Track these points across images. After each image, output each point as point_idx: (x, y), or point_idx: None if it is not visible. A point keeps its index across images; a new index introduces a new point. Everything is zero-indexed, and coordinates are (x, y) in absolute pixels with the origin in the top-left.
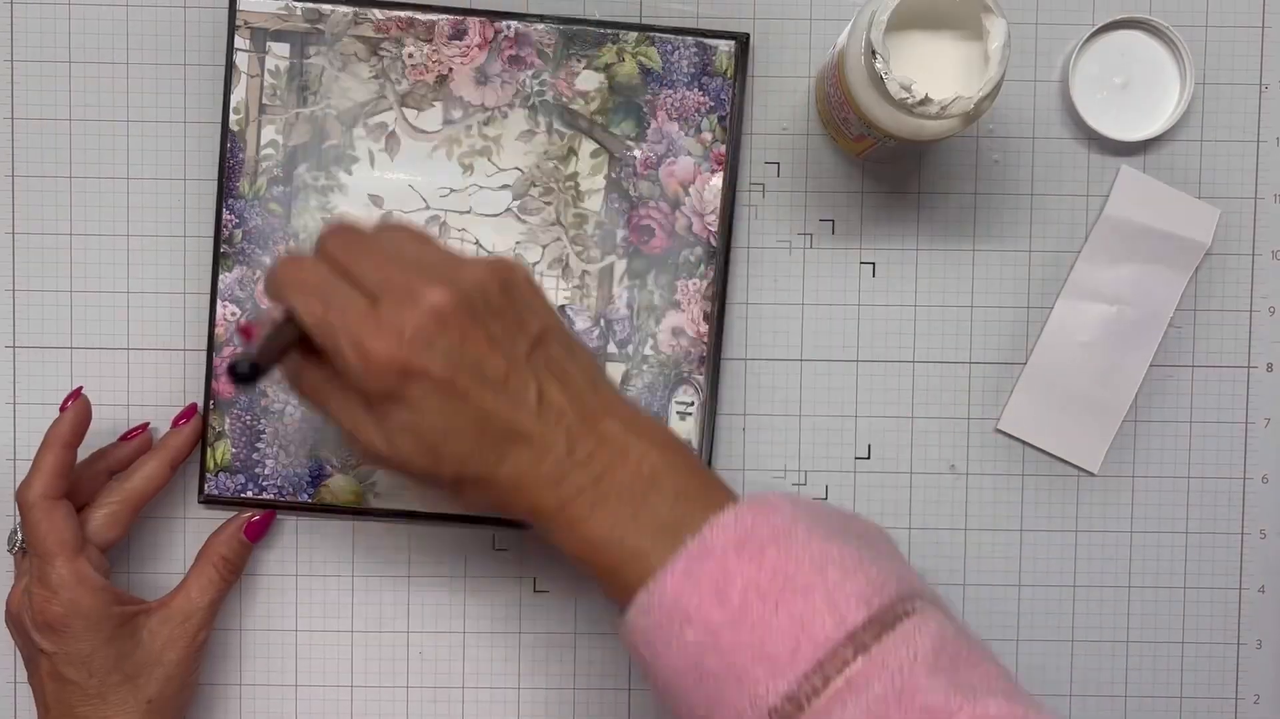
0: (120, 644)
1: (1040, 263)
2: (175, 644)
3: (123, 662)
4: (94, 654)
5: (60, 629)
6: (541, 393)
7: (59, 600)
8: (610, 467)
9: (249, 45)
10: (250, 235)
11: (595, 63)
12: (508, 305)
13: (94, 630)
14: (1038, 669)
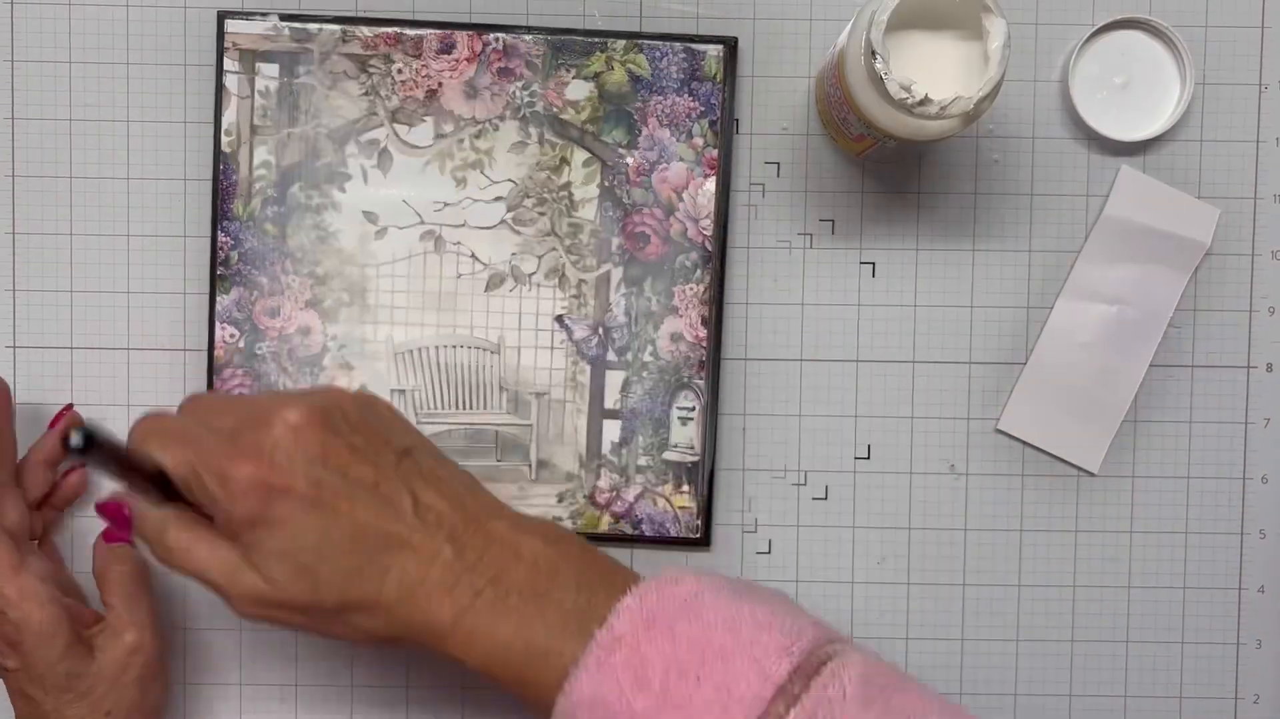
0: (72, 662)
1: (1040, 263)
2: (128, 663)
3: (75, 681)
4: (47, 672)
5: (15, 645)
6: (416, 499)
7: (7, 619)
8: (505, 566)
9: (238, 67)
10: (246, 257)
11: (584, 72)
12: (367, 422)
13: (46, 647)
14: (1038, 669)
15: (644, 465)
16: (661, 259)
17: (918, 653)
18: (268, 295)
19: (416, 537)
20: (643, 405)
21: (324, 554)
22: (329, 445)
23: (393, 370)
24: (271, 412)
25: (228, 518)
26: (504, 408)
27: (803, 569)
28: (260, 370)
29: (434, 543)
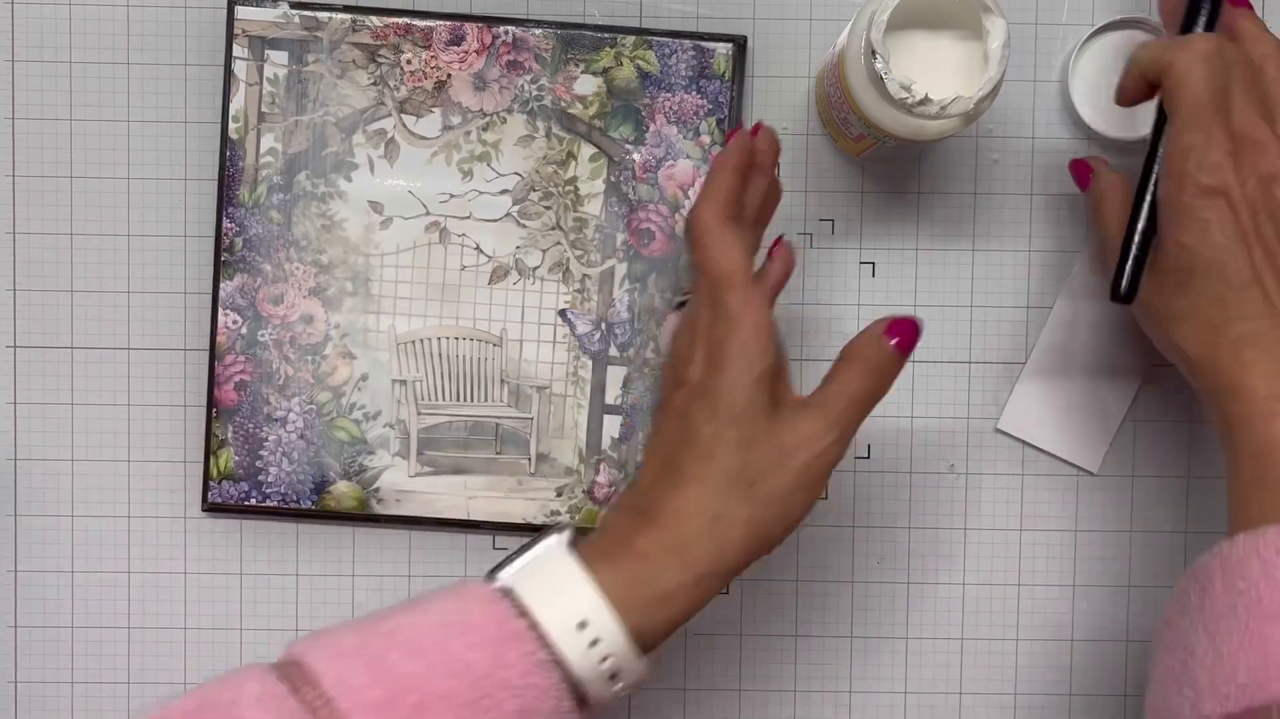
0: (756, 402)
1: (1040, 263)
2: (806, 445)
3: (747, 423)
4: (726, 395)
5: (714, 353)
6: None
7: (721, 321)
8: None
9: (247, 54)
10: (250, 243)
11: (593, 67)
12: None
13: (745, 362)
14: (1038, 669)
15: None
16: (666, 256)
17: (917, 653)
18: (271, 283)
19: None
20: (644, 401)
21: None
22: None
23: (394, 361)
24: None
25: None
26: (505, 401)
27: (803, 569)
28: (262, 357)
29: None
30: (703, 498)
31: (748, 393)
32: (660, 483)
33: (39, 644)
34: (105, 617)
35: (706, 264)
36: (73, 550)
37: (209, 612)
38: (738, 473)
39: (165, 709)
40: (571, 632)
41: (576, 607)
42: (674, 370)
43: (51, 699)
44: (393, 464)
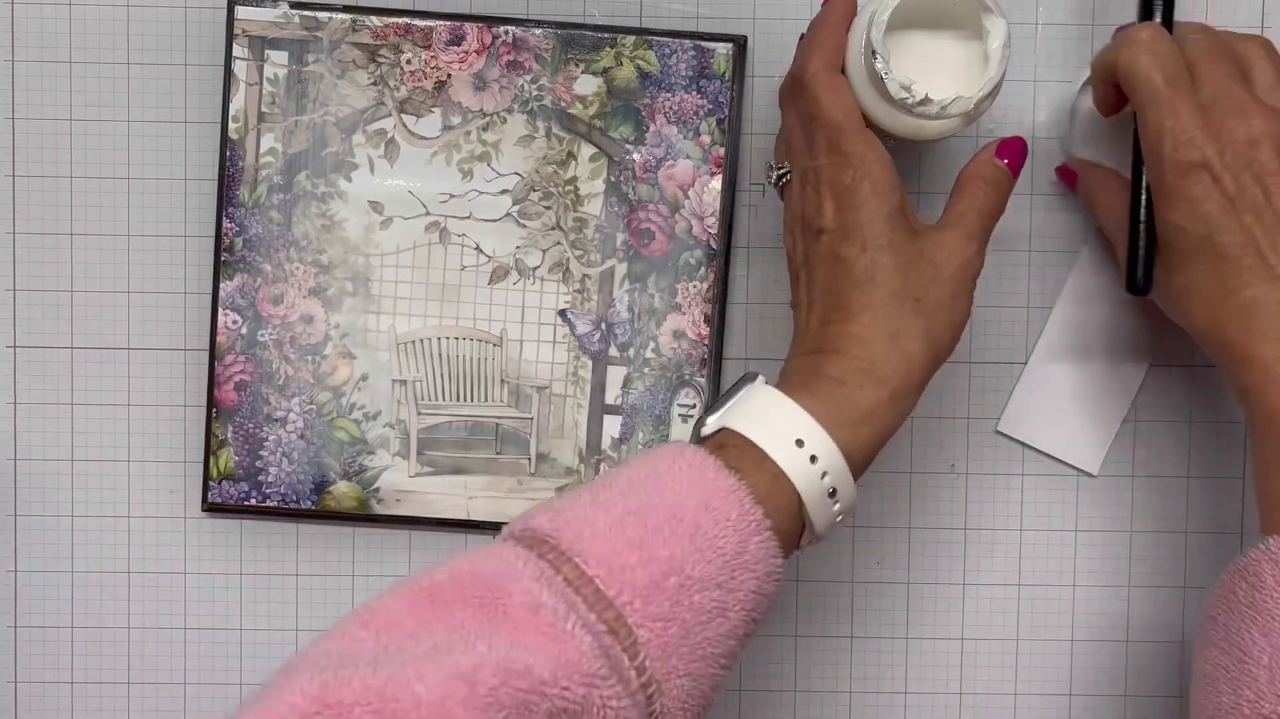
0: (896, 230)
1: (1040, 263)
2: (954, 257)
3: (894, 250)
4: (871, 223)
5: (846, 196)
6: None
7: (848, 166)
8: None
9: (247, 54)
10: (250, 243)
11: (593, 67)
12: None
13: (879, 198)
14: (1038, 669)
15: None
16: (666, 256)
17: (918, 653)
18: (271, 283)
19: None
20: (643, 402)
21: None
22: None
23: (395, 361)
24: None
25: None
26: (505, 401)
27: (803, 569)
28: (262, 357)
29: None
30: (877, 321)
31: (890, 223)
32: (831, 320)
33: (39, 644)
34: (105, 617)
35: (822, 113)
36: (73, 550)
37: (209, 612)
38: (902, 292)
39: (428, 574)
40: (792, 450)
41: (791, 426)
42: (804, 225)
43: (51, 699)
44: (393, 464)
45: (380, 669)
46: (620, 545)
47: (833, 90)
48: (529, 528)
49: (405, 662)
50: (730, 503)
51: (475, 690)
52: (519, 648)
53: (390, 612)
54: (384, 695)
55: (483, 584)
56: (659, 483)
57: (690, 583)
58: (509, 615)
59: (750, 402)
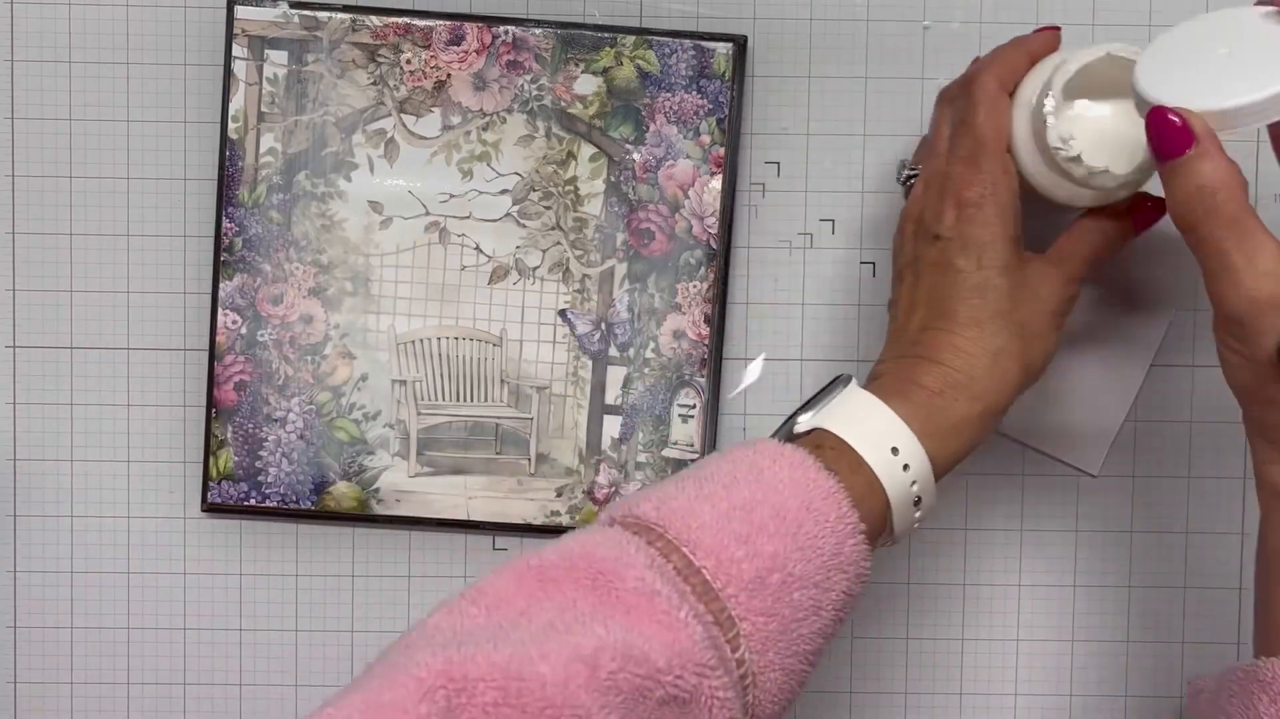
0: (1008, 250)
1: None
2: (1055, 293)
3: (1010, 272)
4: (992, 243)
5: (971, 210)
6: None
7: (981, 183)
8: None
9: (247, 54)
10: (250, 243)
11: (593, 67)
12: None
13: (1003, 221)
14: (1038, 669)
15: (644, 462)
16: (666, 256)
17: (918, 653)
18: (271, 283)
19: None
20: (643, 402)
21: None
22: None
23: (394, 361)
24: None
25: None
26: (505, 401)
27: None
28: (261, 357)
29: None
30: (982, 337)
31: (1009, 247)
32: (934, 327)
33: (39, 644)
34: (105, 617)
35: (975, 122)
36: (72, 550)
37: (209, 612)
38: (1009, 313)
39: (536, 554)
40: (887, 457)
41: (888, 434)
42: (920, 227)
43: (51, 699)
44: (392, 464)
45: (501, 647)
46: (727, 539)
47: (993, 105)
48: (634, 514)
49: (525, 639)
50: (830, 505)
51: (596, 674)
52: (634, 633)
53: (499, 589)
54: (508, 673)
55: (595, 566)
56: (762, 480)
57: (791, 580)
58: (622, 600)
59: (847, 405)
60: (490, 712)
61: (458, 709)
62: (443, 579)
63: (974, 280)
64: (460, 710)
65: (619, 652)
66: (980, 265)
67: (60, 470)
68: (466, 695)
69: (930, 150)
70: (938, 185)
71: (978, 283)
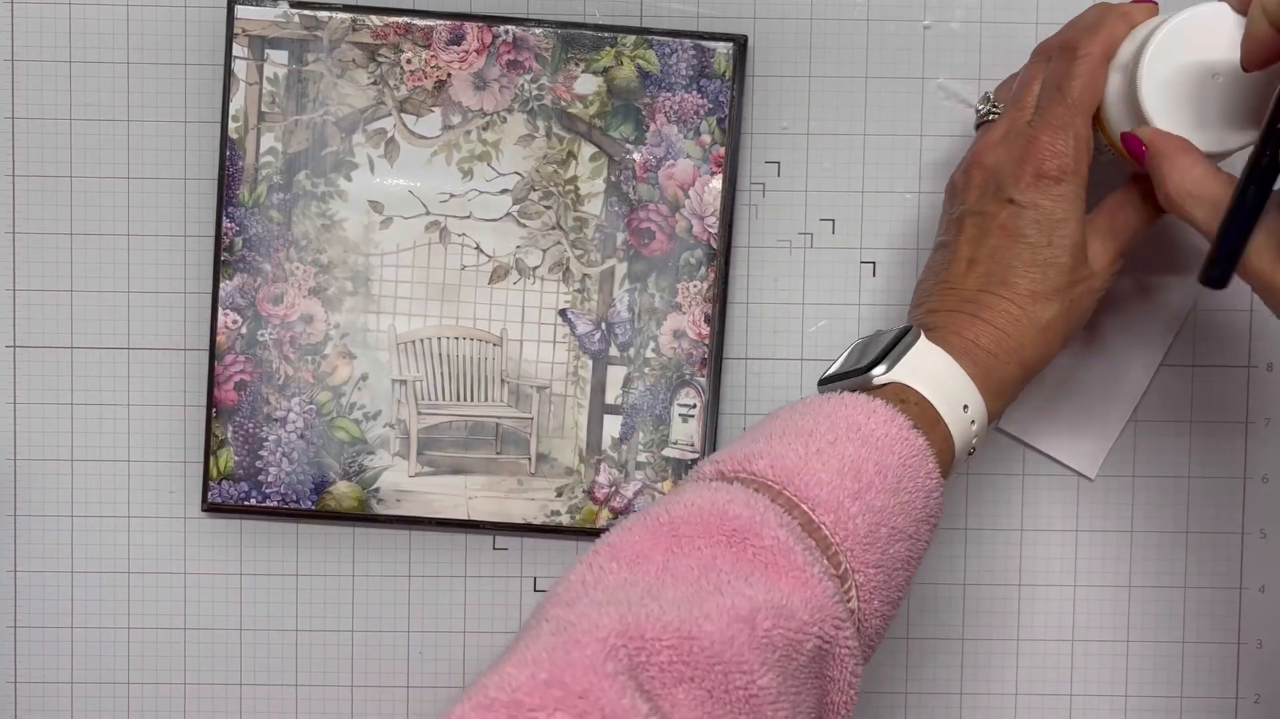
0: (1079, 238)
1: None
2: (1106, 269)
3: (1075, 249)
4: (1065, 221)
5: (1050, 183)
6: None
7: (1064, 156)
8: None
9: (247, 53)
10: (250, 243)
11: (593, 66)
12: None
13: (1077, 199)
14: (1038, 669)
15: (644, 462)
16: (666, 255)
17: (918, 653)
18: (271, 282)
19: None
20: (644, 401)
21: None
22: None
23: (395, 360)
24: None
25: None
26: (505, 400)
27: None
28: (261, 357)
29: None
30: (1036, 308)
31: (1079, 226)
32: (991, 289)
33: (39, 644)
34: (105, 617)
35: (1073, 95)
36: (73, 550)
37: (209, 612)
38: (1066, 290)
39: (664, 508)
40: (960, 415)
41: (962, 393)
42: (993, 178)
43: (51, 699)
44: (393, 464)
45: (667, 608)
46: (843, 496)
47: (1093, 77)
48: (750, 471)
49: (682, 599)
50: (921, 461)
51: (755, 632)
52: (776, 591)
53: (635, 545)
54: (680, 633)
55: (729, 523)
56: (863, 438)
57: (895, 534)
58: (759, 557)
59: (923, 361)
60: (667, 669)
61: (639, 667)
62: (443, 579)
63: (1043, 256)
64: (640, 669)
65: (772, 609)
66: (1050, 242)
67: (60, 470)
68: (646, 654)
69: (1017, 101)
70: (1020, 145)
71: (1045, 259)
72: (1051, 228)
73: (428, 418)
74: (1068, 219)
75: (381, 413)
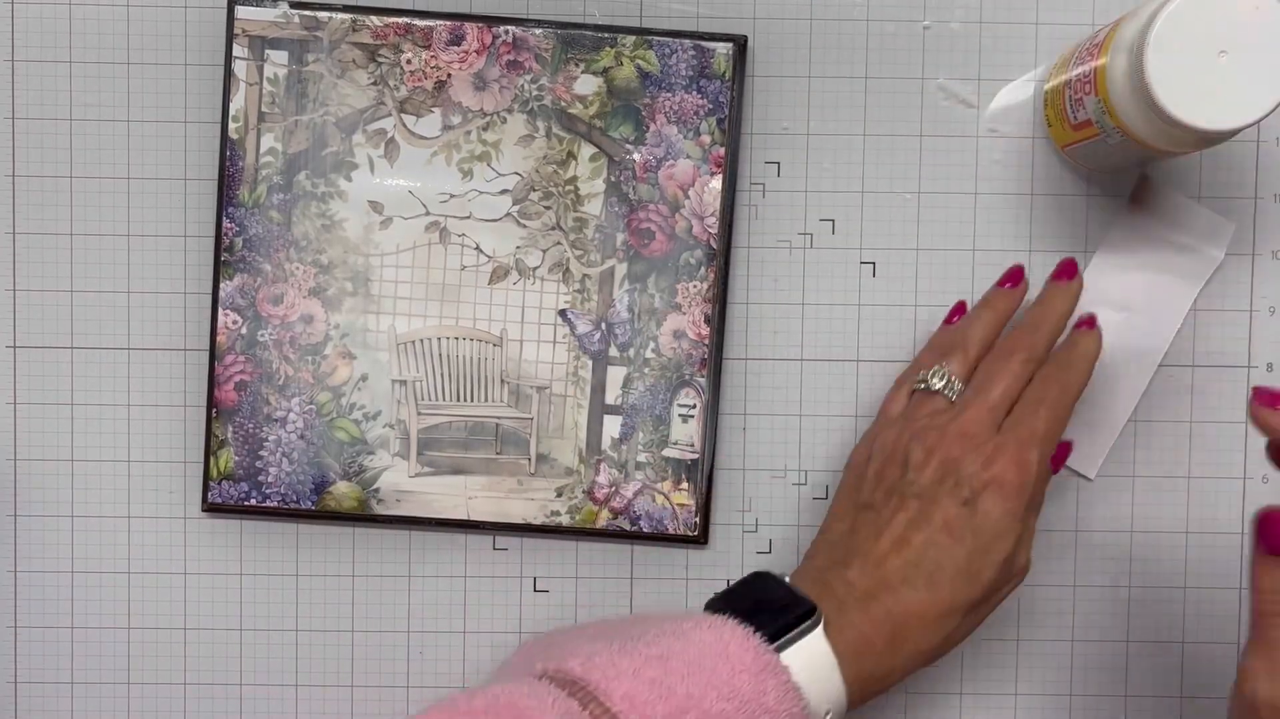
0: (1011, 550)
1: (1040, 263)
2: (1023, 556)
3: (1005, 563)
4: (1005, 536)
5: (1008, 495)
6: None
7: (1031, 473)
8: None
9: (247, 54)
10: (250, 243)
11: (593, 67)
12: None
13: (1024, 519)
14: (1038, 669)
15: (644, 462)
16: (666, 256)
17: None
18: (271, 283)
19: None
20: (643, 402)
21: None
22: None
23: (394, 361)
24: None
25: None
26: (505, 401)
27: None
28: (262, 357)
29: None
30: (949, 620)
31: (1014, 545)
32: (911, 583)
33: (39, 644)
34: (105, 617)
35: (1046, 421)
36: (73, 550)
37: (209, 612)
38: (980, 604)
39: (471, 697)
40: (818, 714)
41: (832, 700)
42: (954, 479)
43: (51, 699)
44: (393, 464)
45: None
46: (642, 684)
47: (1067, 409)
48: (562, 669)
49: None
50: (745, 649)
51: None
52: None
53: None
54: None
55: (515, 714)
56: (679, 633)
57: (706, 717)
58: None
59: (810, 654)
60: None
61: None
62: (443, 579)
63: (975, 565)
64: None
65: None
66: (987, 551)
67: (60, 470)
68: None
69: (985, 398)
70: (989, 450)
71: (976, 569)
72: (993, 538)
73: (428, 418)
74: (1008, 534)
75: (381, 413)
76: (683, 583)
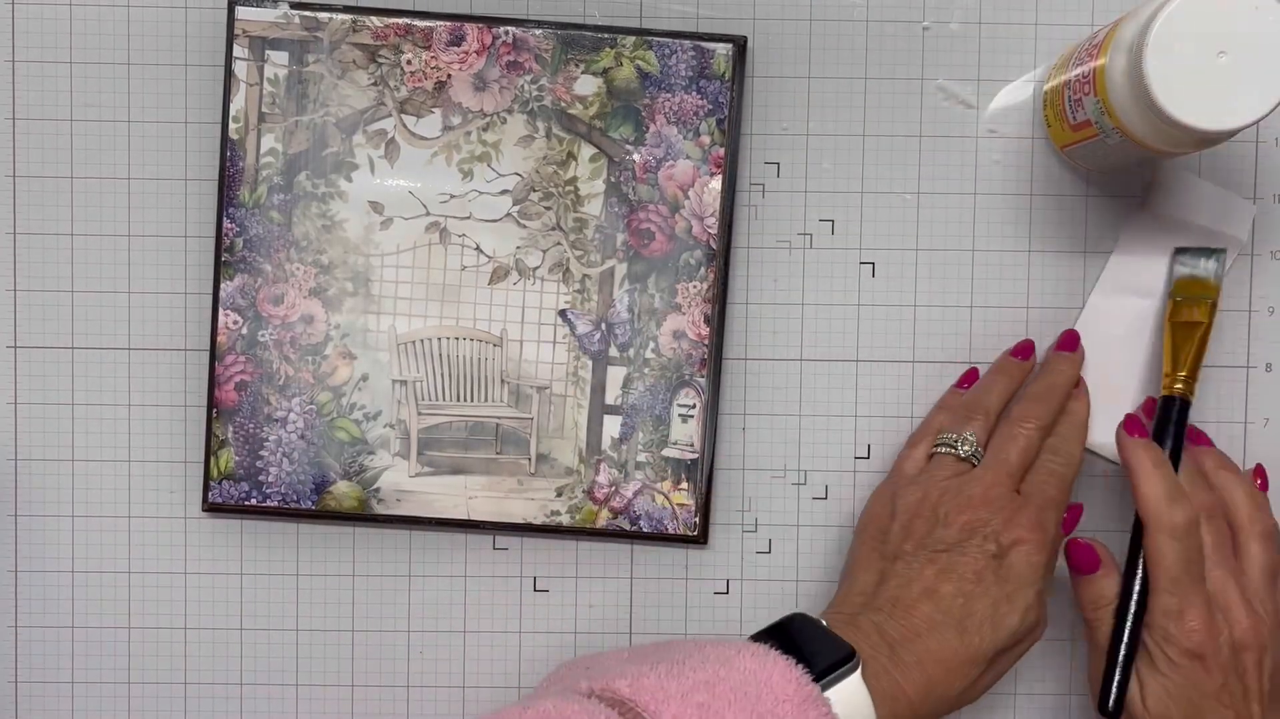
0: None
1: (1041, 263)
2: (1027, 643)
3: (1028, 611)
4: (1028, 588)
5: (1032, 549)
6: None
7: (1050, 530)
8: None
9: (247, 54)
10: (251, 243)
11: (593, 67)
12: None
13: (1046, 571)
14: (1037, 669)
15: (643, 462)
16: (666, 256)
17: None
18: (272, 283)
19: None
20: (643, 402)
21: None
22: None
23: (395, 361)
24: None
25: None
26: (505, 401)
27: (803, 569)
28: (262, 358)
29: None
30: (973, 669)
31: (1037, 594)
32: (940, 632)
33: (39, 644)
34: (105, 617)
35: (1062, 486)
36: (73, 550)
37: (209, 612)
38: (1001, 652)
39: (523, 712)
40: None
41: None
42: (982, 534)
43: (51, 699)
44: (393, 464)
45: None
46: (690, 709)
47: (1060, 509)
48: (610, 689)
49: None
50: (788, 679)
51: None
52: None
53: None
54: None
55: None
56: (727, 664)
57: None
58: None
59: (848, 698)
60: None
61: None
62: (443, 579)
63: (1000, 611)
64: None
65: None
66: (1010, 598)
67: (60, 470)
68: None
69: (1003, 461)
70: (1011, 508)
71: (1001, 614)
72: (1018, 587)
73: (428, 418)
74: (1032, 585)
75: (382, 413)
76: (683, 583)
